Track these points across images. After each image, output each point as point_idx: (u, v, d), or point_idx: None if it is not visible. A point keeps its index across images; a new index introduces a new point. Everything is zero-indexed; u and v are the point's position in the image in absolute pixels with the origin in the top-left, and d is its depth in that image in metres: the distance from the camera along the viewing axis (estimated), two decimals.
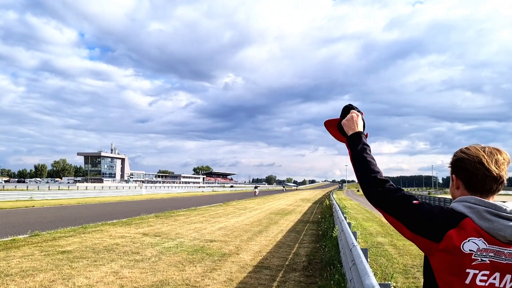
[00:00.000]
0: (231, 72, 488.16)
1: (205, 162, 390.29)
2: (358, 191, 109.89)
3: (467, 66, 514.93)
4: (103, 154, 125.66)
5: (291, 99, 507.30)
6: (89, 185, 74.20)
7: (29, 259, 7.42)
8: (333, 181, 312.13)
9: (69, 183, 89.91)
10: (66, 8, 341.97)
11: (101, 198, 35.97)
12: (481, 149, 1.27)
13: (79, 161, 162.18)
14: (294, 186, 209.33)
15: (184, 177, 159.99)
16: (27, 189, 46.64)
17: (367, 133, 1.56)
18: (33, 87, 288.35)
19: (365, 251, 4.55)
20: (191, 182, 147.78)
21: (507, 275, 1.14)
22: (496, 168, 1.22)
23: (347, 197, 57.82)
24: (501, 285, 1.14)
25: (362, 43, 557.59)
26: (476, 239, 1.14)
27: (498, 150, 1.27)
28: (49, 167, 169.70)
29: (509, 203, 1.21)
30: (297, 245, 10.51)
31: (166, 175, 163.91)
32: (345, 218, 9.37)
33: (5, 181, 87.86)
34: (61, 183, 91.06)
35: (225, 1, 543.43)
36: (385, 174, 1.41)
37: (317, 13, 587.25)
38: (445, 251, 1.16)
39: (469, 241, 1.14)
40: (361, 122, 1.56)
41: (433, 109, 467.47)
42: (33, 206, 22.79)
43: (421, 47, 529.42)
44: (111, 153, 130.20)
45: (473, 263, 1.14)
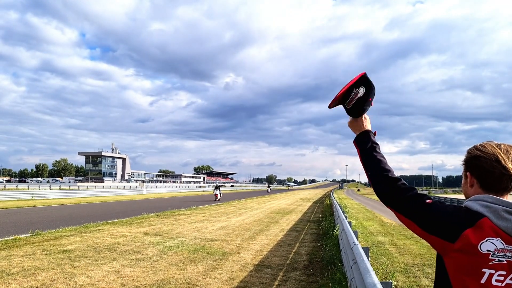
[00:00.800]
0: (232, 71, 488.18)
1: (206, 161, 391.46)
2: (358, 190, 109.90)
3: (467, 65, 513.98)
4: (104, 153, 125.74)
5: (292, 98, 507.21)
6: (90, 184, 74.27)
7: (31, 258, 7.45)
8: (333, 181, 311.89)
9: (70, 182, 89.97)
10: (67, 8, 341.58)
11: (102, 197, 36.00)
12: (497, 147, 1.25)
13: (80, 161, 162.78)
14: (293, 185, 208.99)
15: (184, 177, 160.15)
16: (28, 188, 46.67)
17: (375, 131, 1.52)
18: (34, 87, 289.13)
19: (366, 249, 4.56)
20: (191, 181, 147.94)
21: None
22: None
23: (348, 196, 57.84)
24: None
25: (362, 42, 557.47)
26: (494, 239, 1.12)
27: None
28: (50, 167, 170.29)
29: None
30: (298, 244, 10.52)
31: (167, 175, 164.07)
32: (346, 217, 9.38)
33: (6, 181, 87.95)
34: (62, 182, 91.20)
35: (226, 1, 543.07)
36: None
37: (317, 13, 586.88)
38: (460, 251, 1.13)
39: (486, 241, 1.12)
40: (368, 118, 1.53)
41: (433, 108, 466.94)
42: (34, 205, 22.84)
43: (421, 46, 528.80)
44: (112, 152, 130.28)
45: (490, 263, 1.11)
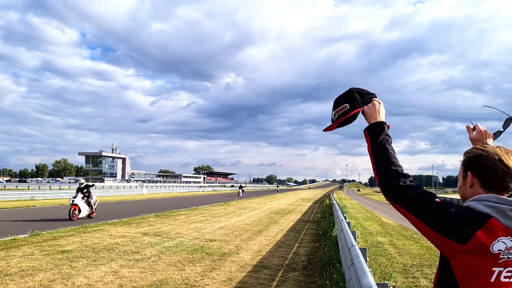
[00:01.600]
0: (232, 72, 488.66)
1: (206, 161, 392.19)
2: (358, 190, 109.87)
3: (467, 65, 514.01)
4: (104, 154, 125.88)
5: (292, 98, 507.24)
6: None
7: (29, 259, 7.44)
8: (334, 181, 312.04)
9: (70, 182, 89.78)
10: (67, 8, 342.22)
11: (101, 197, 35.97)
12: (497, 147, 1.27)
13: (80, 161, 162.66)
14: (293, 185, 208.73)
15: (185, 177, 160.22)
16: (28, 188, 46.62)
17: (389, 124, 1.44)
18: (34, 87, 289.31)
19: (363, 250, 4.55)
20: (192, 181, 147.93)
21: None
22: None
23: (348, 196, 57.84)
24: None
25: (363, 43, 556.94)
26: (505, 238, 1.13)
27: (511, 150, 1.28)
28: (50, 167, 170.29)
29: None
30: (297, 244, 10.51)
31: (167, 175, 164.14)
32: (345, 217, 9.36)
33: (7, 181, 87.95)
34: (62, 182, 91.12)
35: (226, 1, 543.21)
36: None
37: (318, 13, 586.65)
38: (471, 253, 1.13)
39: (498, 241, 1.12)
40: (383, 110, 1.46)
41: (433, 108, 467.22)
42: (34, 205, 22.84)
43: (422, 46, 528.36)
44: (112, 153, 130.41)
45: (499, 261, 1.13)
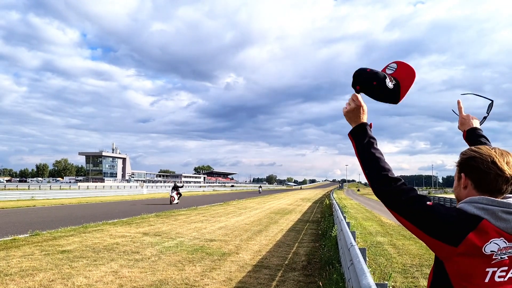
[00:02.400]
0: (233, 72, 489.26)
1: (206, 161, 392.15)
2: (358, 190, 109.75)
3: (467, 66, 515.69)
4: (104, 153, 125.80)
5: (292, 99, 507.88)
6: (91, 184, 74.27)
7: (29, 259, 7.45)
8: (334, 181, 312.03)
9: (70, 182, 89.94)
10: (68, 8, 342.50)
11: (102, 197, 36.02)
12: (492, 149, 1.26)
13: (81, 161, 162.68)
14: (293, 185, 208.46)
15: (185, 177, 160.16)
16: (29, 188, 46.66)
17: (371, 123, 1.40)
18: (35, 87, 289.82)
19: (363, 250, 4.55)
20: (192, 181, 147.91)
21: None
22: (508, 168, 1.21)
23: (347, 196, 57.82)
24: None
25: (363, 43, 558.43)
26: (497, 239, 1.13)
27: (507, 152, 1.27)
28: (51, 167, 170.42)
29: None
30: (296, 244, 10.52)
31: (167, 175, 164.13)
32: (345, 217, 9.37)
33: (7, 181, 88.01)
34: (62, 182, 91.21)
35: (227, 1, 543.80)
36: None
37: (318, 13, 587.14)
38: (464, 255, 1.13)
39: (491, 242, 1.13)
40: (366, 110, 1.41)
41: (433, 109, 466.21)
42: (34, 205, 22.84)
43: (422, 47, 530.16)
44: (113, 152, 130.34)
45: (493, 262, 1.13)
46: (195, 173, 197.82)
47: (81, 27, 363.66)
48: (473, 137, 1.77)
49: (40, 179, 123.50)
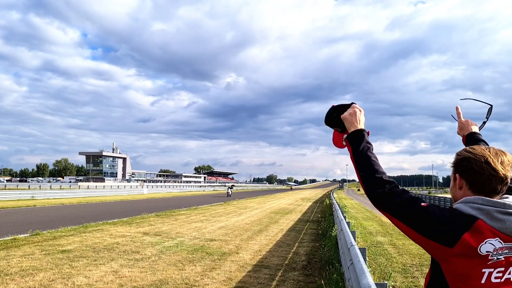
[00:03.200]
0: (233, 72, 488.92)
1: (207, 161, 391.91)
2: (358, 190, 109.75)
3: (468, 66, 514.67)
4: (104, 153, 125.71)
5: (293, 98, 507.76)
6: (91, 184, 74.24)
7: (29, 258, 7.46)
8: (334, 181, 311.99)
9: (70, 182, 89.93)
10: (69, 8, 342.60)
11: (102, 197, 36.04)
12: (487, 149, 1.25)
13: (81, 161, 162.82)
14: (294, 185, 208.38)
15: (185, 177, 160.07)
16: (29, 188, 46.69)
17: (369, 131, 1.45)
18: (35, 87, 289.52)
19: (363, 250, 4.55)
20: (192, 181, 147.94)
21: None
22: (502, 168, 1.21)
23: (348, 196, 57.80)
24: None
25: (363, 43, 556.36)
26: (492, 239, 1.13)
27: (502, 151, 1.26)
28: (51, 167, 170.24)
29: None
30: (296, 244, 10.52)
31: (167, 175, 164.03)
32: (345, 217, 9.37)
33: (7, 181, 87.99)
34: (62, 182, 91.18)
35: (228, 1, 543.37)
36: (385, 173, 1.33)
37: (319, 13, 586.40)
38: (459, 256, 1.13)
39: (486, 243, 1.13)
40: (363, 118, 1.47)
41: (434, 108, 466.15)
42: (35, 205, 22.86)
43: (422, 47, 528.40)
44: (113, 152, 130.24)
45: (489, 263, 1.13)
46: (195, 173, 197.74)
47: (82, 27, 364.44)
48: (472, 141, 1.78)
49: (40, 179, 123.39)
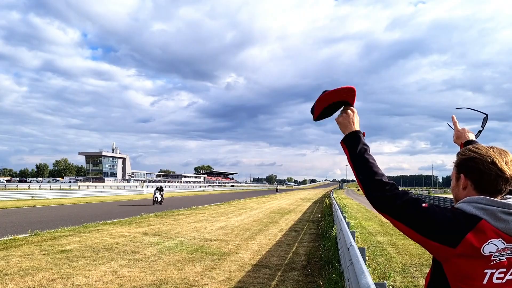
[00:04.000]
0: (233, 72, 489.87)
1: (206, 161, 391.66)
2: (358, 190, 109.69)
3: (468, 66, 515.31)
4: (104, 153, 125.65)
5: (293, 99, 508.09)
6: (90, 184, 74.17)
7: (29, 258, 7.45)
8: (334, 181, 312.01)
9: (70, 182, 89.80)
10: (69, 8, 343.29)
11: (102, 197, 36.03)
12: (491, 149, 1.24)
13: (81, 161, 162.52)
14: (293, 184, 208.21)
15: (185, 177, 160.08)
16: (29, 188, 46.69)
17: (364, 132, 1.42)
18: (35, 87, 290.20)
19: (362, 250, 4.55)
20: (192, 181, 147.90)
21: None
22: (508, 169, 1.19)
23: (347, 196, 57.77)
24: None
25: (364, 43, 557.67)
26: (495, 240, 1.12)
27: (505, 151, 1.25)
28: (51, 167, 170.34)
29: None
30: (296, 244, 10.52)
31: (167, 175, 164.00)
32: (344, 217, 9.37)
33: (7, 181, 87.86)
34: (62, 182, 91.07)
35: (228, 1, 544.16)
36: (385, 173, 1.32)
37: (319, 13, 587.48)
38: (462, 256, 1.12)
39: (489, 243, 1.12)
40: (358, 118, 1.44)
41: (434, 108, 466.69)
42: (34, 205, 22.85)
43: (422, 47, 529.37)
44: (113, 152, 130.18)
45: (491, 263, 1.12)
46: (195, 173, 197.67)
47: (82, 27, 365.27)
48: None
49: (40, 179, 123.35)
